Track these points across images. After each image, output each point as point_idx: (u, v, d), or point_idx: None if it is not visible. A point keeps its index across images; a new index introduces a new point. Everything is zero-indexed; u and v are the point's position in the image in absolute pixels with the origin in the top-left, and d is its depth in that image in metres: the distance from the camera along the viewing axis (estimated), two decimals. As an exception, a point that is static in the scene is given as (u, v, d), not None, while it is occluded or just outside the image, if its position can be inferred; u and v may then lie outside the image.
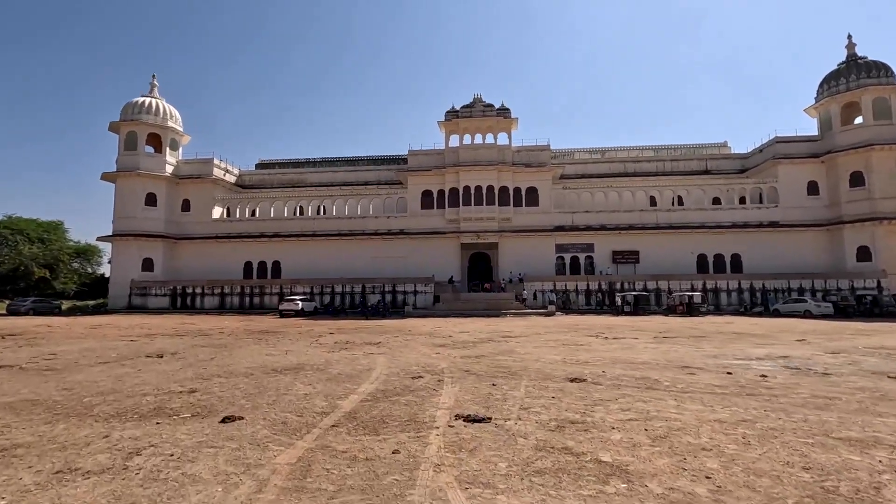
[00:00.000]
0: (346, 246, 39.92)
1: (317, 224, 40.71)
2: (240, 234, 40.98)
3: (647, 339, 15.19)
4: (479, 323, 23.73)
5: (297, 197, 42.12)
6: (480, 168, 38.63)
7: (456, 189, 39.26)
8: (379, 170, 45.98)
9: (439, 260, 38.74)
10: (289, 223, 40.96)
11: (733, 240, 37.32)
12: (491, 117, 39.32)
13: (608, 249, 38.14)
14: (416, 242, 39.41)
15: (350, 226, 40.26)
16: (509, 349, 12.63)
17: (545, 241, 38.68)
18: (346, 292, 36.89)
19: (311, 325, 22.63)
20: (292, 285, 37.45)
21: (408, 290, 36.53)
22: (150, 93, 42.36)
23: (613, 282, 35.35)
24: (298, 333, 18.28)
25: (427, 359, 10.89)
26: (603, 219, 38.46)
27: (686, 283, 34.67)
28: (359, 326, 21.97)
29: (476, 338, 15.90)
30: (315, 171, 46.94)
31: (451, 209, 39.18)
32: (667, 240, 37.69)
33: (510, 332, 18.43)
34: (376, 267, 38.97)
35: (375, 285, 36.78)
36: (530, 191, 39.34)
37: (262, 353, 12.17)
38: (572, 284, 35.55)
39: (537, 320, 26.12)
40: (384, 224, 40.06)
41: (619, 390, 7.16)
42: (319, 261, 39.50)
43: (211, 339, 16.22)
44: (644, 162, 43.42)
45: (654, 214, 38.26)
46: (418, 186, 40.09)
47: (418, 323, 24.04)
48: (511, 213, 38.72)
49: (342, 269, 38.79)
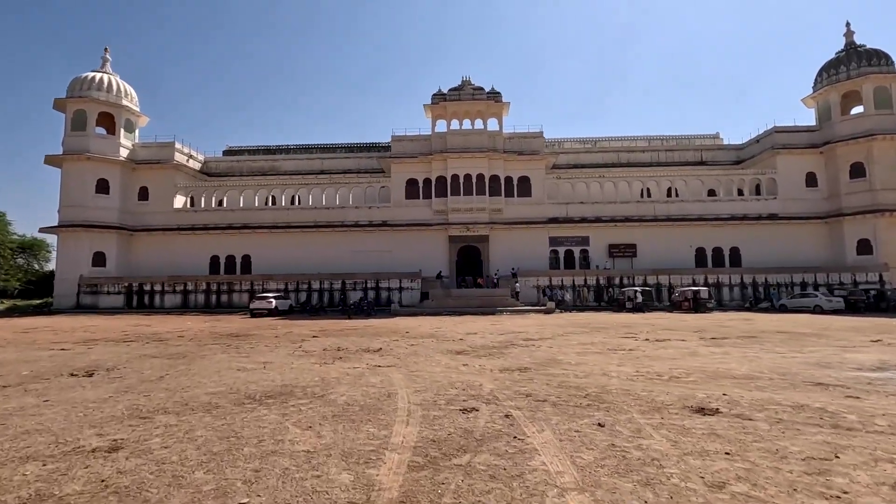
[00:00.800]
0: (324, 239, 36.70)
1: (291, 214, 37.31)
2: (205, 226, 37.19)
3: (695, 341, 12.90)
4: (481, 322, 21.15)
5: (270, 185, 38.58)
6: (470, 155, 36.02)
7: (443, 178, 36.55)
8: (359, 157, 42.82)
9: (426, 254, 35.99)
10: (260, 214, 37.41)
11: (732, 233, 35.89)
12: (481, 101, 36.72)
13: (604, 243, 36.17)
14: (401, 235, 36.54)
15: (328, 217, 37.02)
16: (549, 357, 10.07)
17: (538, 233, 36.42)
18: (325, 289, 33.74)
19: (289, 327, 19.59)
20: (264, 282, 34.04)
21: (393, 287, 33.66)
22: (102, 67, 37.99)
23: (612, 277, 33.36)
24: (275, 337, 15.28)
25: (458, 374, 8.21)
26: (598, 210, 36.45)
27: (687, 277, 32.98)
28: (344, 328, 19.06)
29: (493, 341, 13.29)
30: (289, 159, 43.38)
31: (438, 199, 36.45)
32: (664, 233, 35.98)
33: (524, 332, 15.91)
34: (357, 261, 35.92)
35: (357, 281, 33.76)
36: (522, 180, 36.98)
37: (231, 368, 9.24)
38: (568, 279, 33.38)
39: (541, 318, 23.72)
40: (365, 215, 37.00)
41: (797, 430, 4.66)
42: (294, 255, 36.17)
43: (166, 346, 13.08)
44: (638, 152, 41.67)
45: (652, 206, 36.48)
46: (402, 174, 37.18)
47: (412, 323, 21.28)
48: (502, 203, 36.28)
49: (320, 263, 35.58)
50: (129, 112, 37.55)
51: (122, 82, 37.92)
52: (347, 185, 37.88)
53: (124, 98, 37.25)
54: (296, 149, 44.84)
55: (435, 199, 36.49)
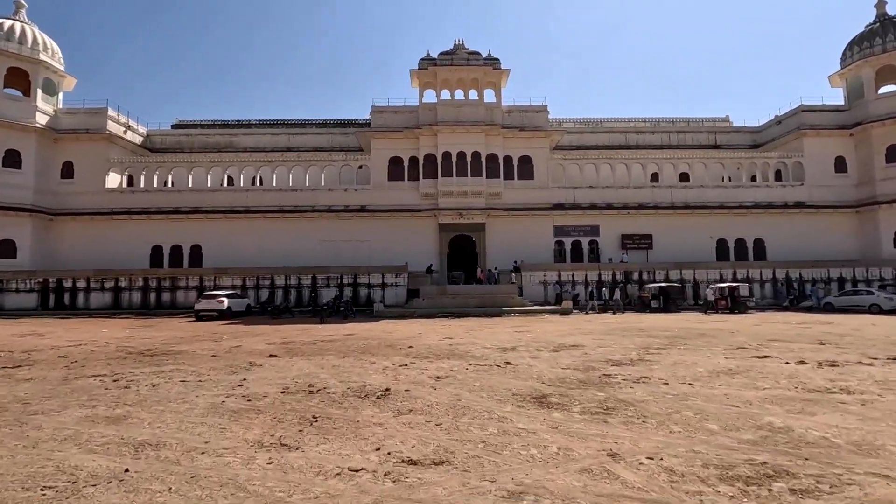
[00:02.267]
0: (291, 226, 30.95)
1: (251, 197, 31.35)
2: (146, 210, 30.83)
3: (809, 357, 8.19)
4: (498, 329, 16.12)
5: (226, 162, 32.45)
6: (464, 129, 30.92)
7: (433, 156, 31.33)
8: (333, 133, 37.11)
9: (412, 245, 30.73)
10: (214, 196, 31.29)
11: (755, 223, 32.03)
12: (477, 66, 31.62)
13: (616, 233, 31.73)
14: (382, 222, 31.15)
15: (295, 200, 31.26)
16: (701, 409, 5.13)
17: (542, 222, 31.67)
18: (291, 286, 28.07)
19: (241, 336, 14.06)
20: (217, 277, 28.10)
21: (374, 283, 28.28)
22: (15, 14, 31.04)
23: (629, 271, 28.92)
24: (212, 357, 9.84)
25: (606, 482, 3.11)
26: (609, 196, 31.97)
27: (712, 271, 28.86)
28: (317, 337, 13.69)
29: (561, 366, 8.27)
30: (250, 134, 37.26)
31: (426, 181, 31.21)
32: (682, 222, 31.81)
33: (581, 346, 10.97)
34: (330, 253, 30.35)
35: (330, 277, 28.23)
36: (524, 161, 32.14)
37: (71, 450, 3.87)
38: (580, 274, 28.76)
39: (566, 322, 18.87)
40: (340, 199, 31.41)
41: None
42: (255, 245, 30.30)
43: (11, 379, 7.51)
44: (647, 133, 37.50)
45: (668, 192, 32.25)
46: (385, 152, 31.75)
47: (407, 330, 16.07)
48: (501, 186, 31.35)
49: (285, 255, 29.84)
50: (49, 70, 30.76)
51: (42, 34, 31.09)
52: (319, 164, 32.17)
53: (42, 52, 30.43)
54: (258, 124, 38.67)
55: (423, 181, 31.24)
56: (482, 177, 30.95)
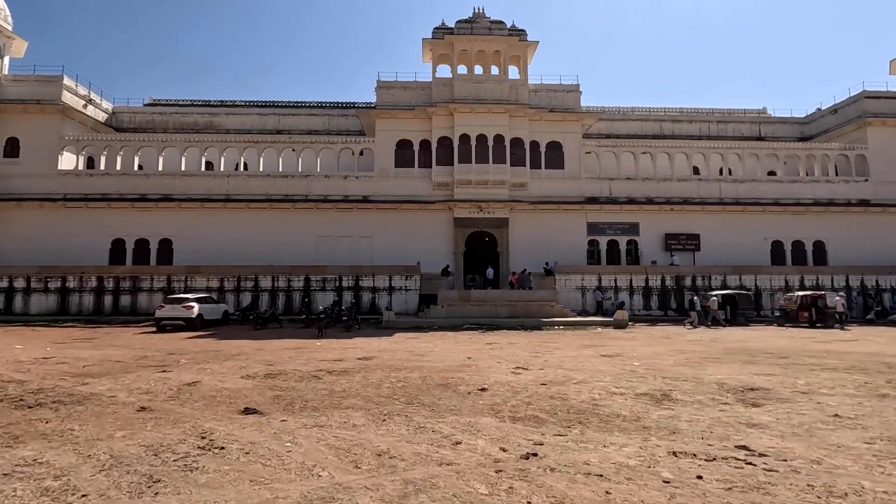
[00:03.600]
0: (280, 218, 26.21)
1: (233, 184, 26.55)
2: (106, 196, 25.84)
3: None
4: (565, 348, 11.60)
5: (204, 143, 27.57)
6: (485, 108, 26.51)
7: (448, 139, 26.86)
8: (330, 115, 32.46)
9: (422, 242, 26.16)
10: (188, 181, 26.42)
11: (814, 223, 28.01)
12: (500, 36, 27.26)
13: (658, 232, 27.48)
14: (388, 216, 26.55)
15: (286, 188, 26.53)
16: None
17: (573, 218, 27.32)
18: (280, 289, 23.34)
19: (208, 360, 9.36)
20: (189, 277, 23.28)
21: (379, 287, 23.67)
22: (-48, -39, 26.06)
23: (681, 276, 24.67)
24: (138, 413, 5.14)
25: None
26: (650, 189, 27.75)
27: (776, 277, 24.82)
28: (320, 363, 9.05)
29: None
30: (234, 114, 32.47)
31: (440, 168, 26.71)
32: (732, 220, 27.67)
33: (759, 386, 6.56)
34: (327, 251, 25.68)
35: (327, 278, 23.57)
36: (552, 147, 27.81)
37: None
38: (624, 279, 24.45)
39: (633, 337, 14.44)
40: (339, 187, 26.76)
41: None
42: (236, 240, 25.48)
43: None
44: (684, 122, 33.44)
45: (717, 186, 28.11)
46: (392, 134, 27.20)
47: (441, 350, 11.48)
48: (527, 176, 26.96)
49: (273, 252, 25.09)
50: (-9, 28, 25.77)
51: (-15, -13, 26.13)
52: (313, 147, 27.48)
53: (-16, 6, 25.45)
54: (244, 104, 33.85)
55: (436, 168, 26.73)
56: (505, 164, 26.54)
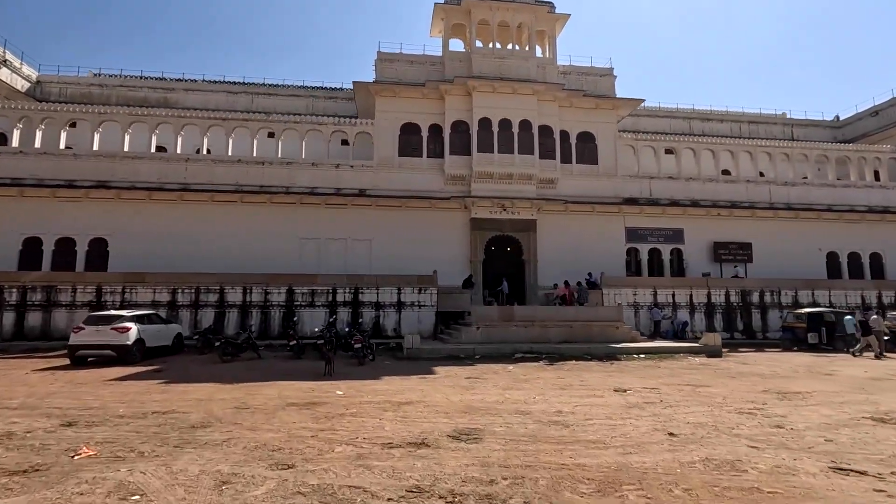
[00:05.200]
0: (253, 214, 20.68)
1: (193, 170, 20.85)
2: (18, 181, 19.61)
3: None
4: (740, 403, 6.90)
5: (156, 117, 21.73)
6: (510, 88, 22.07)
7: (464, 123, 22.20)
8: (315, 97, 27.26)
9: (432, 247, 21.20)
10: (132, 165, 20.53)
11: (870, 232, 24.89)
12: (526, 5, 23.02)
13: (704, 240, 23.58)
14: (391, 215, 21.50)
15: (262, 177, 21.07)
16: None
17: (609, 222, 23.08)
18: (254, 304, 17.77)
19: (137, 444, 4.05)
20: (129, 287, 17.41)
21: (385, 302, 18.46)
22: None
23: (748, 291, 20.69)
24: None
25: None
26: (694, 190, 23.90)
27: (853, 293, 21.28)
28: (402, 461, 3.93)
29: None
30: (196, 91, 26.76)
31: (455, 158, 21.96)
32: (785, 228, 24.17)
33: None
34: (313, 256, 20.34)
35: (317, 290, 18.20)
36: (584, 138, 23.62)
37: None
38: (683, 294, 20.23)
39: (763, 373, 9.97)
40: (329, 178, 21.53)
41: None
42: (195, 240, 19.75)
43: None
44: (715, 122, 30.20)
45: (766, 189, 24.57)
46: (395, 115, 22.30)
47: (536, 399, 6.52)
48: (557, 170, 22.58)
49: (245, 257, 19.52)
50: None
51: None
52: (297, 128, 22.19)
53: None
54: (209, 82, 28.08)
55: (450, 158, 21.97)
56: (533, 155, 22.08)
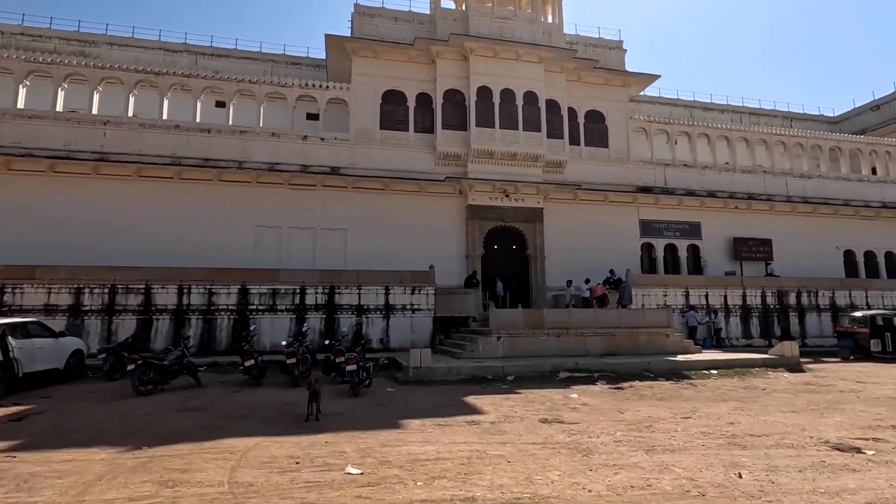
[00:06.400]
0: (195, 194, 16.19)
1: (113, 136, 16.10)
2: None
3: None
4: None
5: (65, 67, 16.76)
6: (513, 53, 18.75)
7: (459, 93, 18.65)
8: (276, 63, 22.90)
9: (421, 239, 17.46)
10: (30, 128, 15.57)
11: (884, 230, 23.33)
12: (532, -39, 19.86)
13: (723, 235, 21.09)
14: (371, 199, 17.58)
15: (207, 148, 16.61)
16: None
17: (623, 213, 20.15)
18: (193, 308, 13.39)
19: None
20: (9, 286, 12.59)
21: (368, 306, 14.51)
22: None
23: (784, 291, 18.18)
24: None
25: None
26: (710, 181, 21.40)
27: (890, 294, 19.25)
28: None
29: None
30: (123, 46, 21.77)
31: (448, 133, 18.33)
32: (802, 224, 22.15)
33: None
34: (273, 248, 16.14)
35: (279, 291, 14.03)
36: (592, 118, 20.62)
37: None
38: (717, 295, 17.48)
39: None
40: (295, 152, 17.34)
41: None
42: (113, 225, 15.08)
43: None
44: (716, 112, 28.16)
45: (783, 181, 22.45)
46: (376, 80, 18.43)
47: None
48: (566, 152, 19.41)
49: (184, 248, 15.04)
50: None
51: None
52: (254, 90, 17.88)
53: None
54: (144, 40, 23.02)
55: (442, 133, 18.32)
56: (540, 132, 18.81)
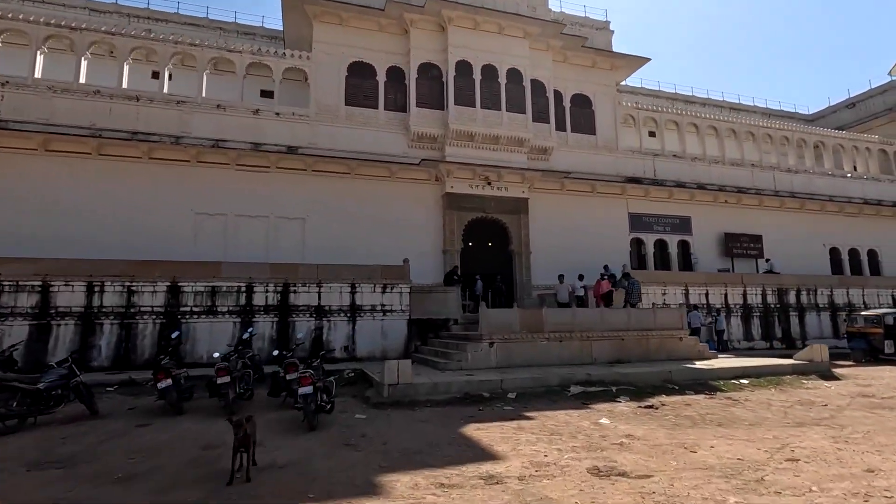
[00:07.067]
0: (119, 173, 13.44)
1: (11, 99, 13.13)
2: None
3: None
4: None
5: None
6: (496, 25, 16.85)
7: (435, 68, 16.57)
8: (225, 31, 20.17)
9: (393, 231, 15.27)
10: None
11: (866, 227, 22.80)
12: (516, -74, 18.02)
13: (714, 231, 19.89)
14: (333, 184, 15.25)
15: (136, 118, 13.85)
16: None
17: (611, 205, 18.58)
18: (106, 310, 10.66)
19: None
20: None
21: (331, 307, 12.16)
22: None
23: (784, 289, 16.97)
24: None
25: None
26: (700, 173, 20.15)
27: (884, 291, 18.43)
28: None
29: None
30: (41, 4, 18.52)
31: (423, 112, 16.20)
32: (791, 221, 21.30)
33: None
34: (217, 238, 13.59)
35: (220, 289, 11.48)
36: (579, 102, 18.97)
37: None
38: (717, 293, 16.03)
39: None
40: (245, 128, 14.79)
41: None
42: (10, 208, 12.17)
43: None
44: (698, 105, 27.25)
45: (771, 174, 21.52)
46: (341, 51, 16.11)
47: None
48: (552, 137, 17.65)
49: (102, 238, 12.29)
50: None
51: None
52: (196, 54, 15.22)
53: None
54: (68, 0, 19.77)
55: (416, 112, 16.17)
56: (525, 114, 16.96)
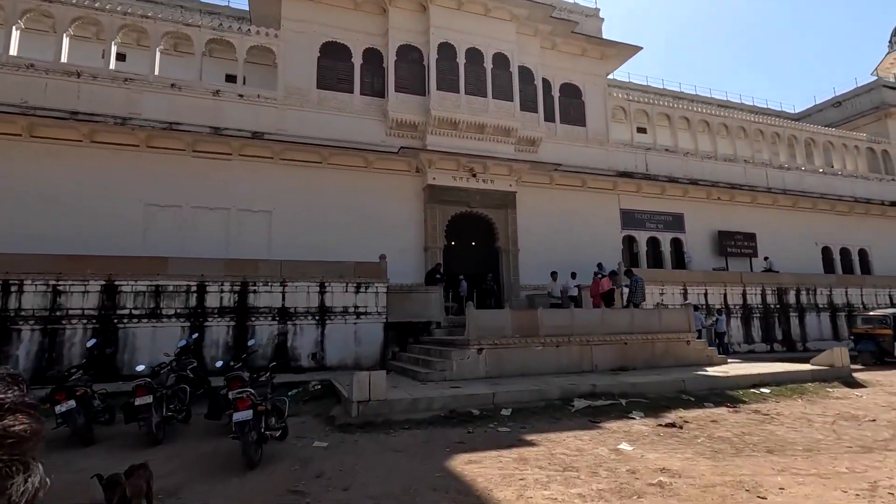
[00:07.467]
0: (54, 157, 11.83)
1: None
2: None
3: None
4: None
5: None
6: (481, 6, 15.70)
7: (416, 50, 15.34)
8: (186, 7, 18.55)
9: (369, 226, 13.95)
10: None
11: (857, 226, 22.37)
12: None
13: (707, 228, 19.08)
14: (303, 174, 13.85)
15: (75, 96, 12.25)
16: None
17: (602, 201, 17.59)
18: (24, 314, 9.06)
19: None
20: None
21: (297, 309, 10.73)
22: None
23: (784, 289, 16.16)
24: None
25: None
26: (693, 168, 19.36)
27: (882, 291, 17.82)
28: None
29: None
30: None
31: (402, 97, 14.93)
32: (783, 219, 20.72)
33: None
34: (173, 232, 12.04)
35: (166, 289, 9.95)
36: (568, 92, 17.96)
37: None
38: (716, 293, 15.09)
39: None
40: (203, 110, 13.29)
41: None
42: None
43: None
44: (686, 101, 26.58)
45: (764, 171, 20.90)
46: (313, 30, 14.74)
47: None
48: (540, 128, 16.56)
49: (32, 231, 10.67)
50: None
51: None
52: (149, 27, 13.67)
53: None
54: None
55: (395, 97, 14.89)
56: (513, 102, 15.83)
